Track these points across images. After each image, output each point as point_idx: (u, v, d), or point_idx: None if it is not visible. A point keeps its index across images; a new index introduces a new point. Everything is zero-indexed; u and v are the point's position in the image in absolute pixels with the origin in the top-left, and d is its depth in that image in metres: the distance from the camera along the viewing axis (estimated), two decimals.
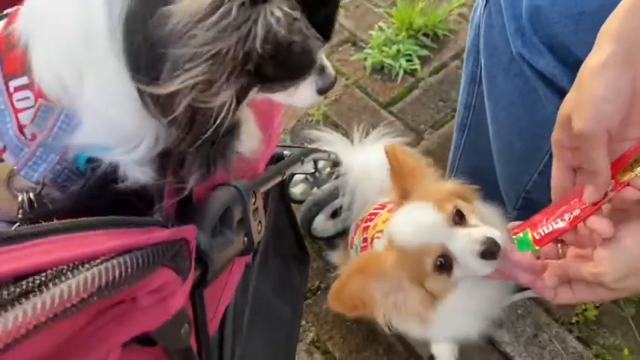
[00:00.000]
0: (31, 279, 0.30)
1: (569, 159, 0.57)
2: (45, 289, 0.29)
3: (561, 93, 0.70)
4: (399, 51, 1.62)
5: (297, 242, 1.16)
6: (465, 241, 0.70)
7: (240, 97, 0.48)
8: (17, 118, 0.49)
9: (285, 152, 0.92)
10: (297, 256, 1.17)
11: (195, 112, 0.45)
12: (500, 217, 0.82)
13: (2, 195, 0.51)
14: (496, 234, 0.69)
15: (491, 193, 0.91)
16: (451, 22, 1.69)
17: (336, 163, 1.22)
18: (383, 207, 1.08)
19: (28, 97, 0.49)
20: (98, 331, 0.33)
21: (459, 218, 0.74)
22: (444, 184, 0.82)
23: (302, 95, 0.56)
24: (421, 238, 0.73)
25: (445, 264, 0.72)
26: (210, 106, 0.44)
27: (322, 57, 0.57)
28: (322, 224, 1.31)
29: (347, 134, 1.49)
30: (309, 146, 1.32)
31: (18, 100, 0.49)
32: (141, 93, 0.45)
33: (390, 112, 1.56)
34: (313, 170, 1.20)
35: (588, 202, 0.56)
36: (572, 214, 0.58)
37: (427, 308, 0.76)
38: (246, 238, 0.58)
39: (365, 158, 1.23)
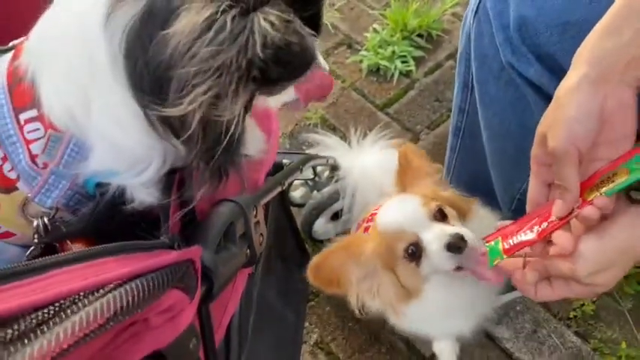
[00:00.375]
0: (51, 307, 0.32)
1: (545, 175, 0.60)
2: (65, 318, 0.31)
3: (550, 100, 0.73)
4: (394, 52, 1.64)
5: (298, 246, 1.18)
6: (435, 233, 0.75)
7: (248, 104, 0.50)
8: (29, 149, 0.51)
9: (285, 161, 0.95)
10: (298, 259, 1.19)
11: (207, 126, 0.47)
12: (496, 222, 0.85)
13: (17, 221, 0.53)
14: (467, 233, 0.73)
15: (487, 194, 0.93)
16: (445, 22, 1.71)
17: (334, 168, 1.25)
18: None
19: (38, 129, 0.51)
20: (114, 352, 0.35)
21: (440, 217, 0.79)
22: (442, 190, 0.85)
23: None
24: (399, 224, 0.79)
25: (415, 253, 0.77)
26: (222, 119, 0.46)
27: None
28: (323, 227, 1.33)
29: (345, 137, 1.51)
30: (308, 151, 1.35)
31: (29, 132, 0.51)
32: (148, 116, 0.47)
33: (387, 114, 1.58)
34: (312, 176, 1.22)
35: (555, 216, 0.59)
36: (540, 227, 0.61)
37: (400, 300, 0.81)
38: (248, 251, 0.60)
39: (364, 161, 1.25)
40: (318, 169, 1.27)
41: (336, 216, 1.31)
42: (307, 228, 1.29)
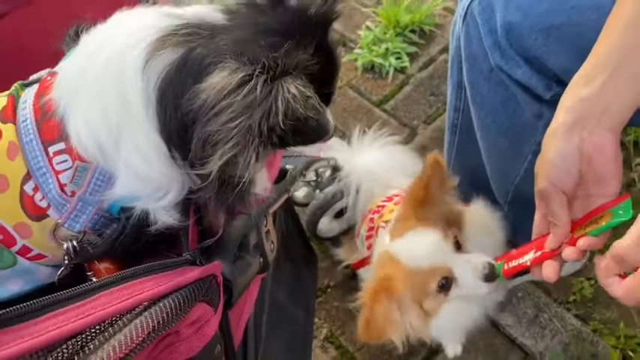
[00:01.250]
0: (92, 330, 0.36)
1: (544, 209, 0.65)
2: (109, 337, 0.35)
3: (538, 98, 0.76)
4: (387, 49, 1.67)
5: (304, 245, 1.22)
6: (468, 266, 0.81)
7: (262, 158, 0.54)
8: (58, 179, 0.55)
9: (288, 166, 0.98)
10: (305, 258, 1.23)
11: (223, 177, 0.50)
12: (497, 223, 0.89)
13: (48, 244, 0.57)
14: (490, 259, 0.80)
15: (484, 186, 0.97)
16: (436, 17, 1.74)
17: (335, 168, 1.28)
18: (390, 199, 1.14)
19: (66, 160, 0.55)
20: None
21: (457, 246, 0.84)
22: (438, 206, 0.87)
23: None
24: (431, 260, 0.83)
25: (445, 285, 0.82)
26: (239, 174, 0.50)
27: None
28: (327, 225, 1.37)
29: (344, 135, 1.55)
30: (308, 152, 1.38)
31: (58, 163, 0.55)
32: (174, 158, 0.51)
33: (384, 110, 1.61)
34: (315, 177, 1.26)
35: (547, 249, 0.65)
36: (535, 254, 0.68)
37: (424, 325, 0.85)
38: (261, 259, 0.64)
39: (365, 158, 1.29)
40: (320, 169, 1.31)
41: (339, 214, 1.34)
42: (312, 227, 1.33)
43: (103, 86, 0.52)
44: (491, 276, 0.79)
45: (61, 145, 0.55)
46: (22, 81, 0.62)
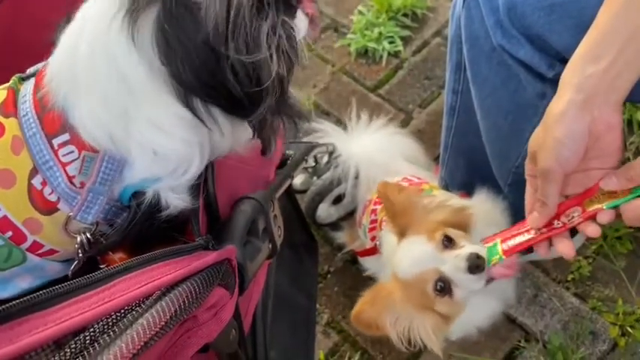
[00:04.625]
0: (116, 315, 0.35)
1: (537, 185, 0.64)
2: (129, 324, 0.35)
3: (541, 77, 0.76)
4: (380, 34, 1.66)
5: (305, 231, 1.22)
6: (452, 261, 0.79)
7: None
8: (66, 171, 0.54)
9: (288, 152, 0.98)
10: (306, 244, 1.23)
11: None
12: (501, 213, 0.90)
13: (59, 239, 0.57)
14: (479, 248, 0.77)
15: (484, 170, 0.97)
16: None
17: (332, 154, 1.28)
18: None
19: (72, 151, 0.54)
20: (172, 349, 0.39)
21: (448, 242, 0.82)
22: (435, 214, 0.88)
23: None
24: (418, 268, 0.82)
25: (445, 287, 0.81)
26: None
27: None
28: (326, 211, 1.37)
29: (339, 121, 1.55)
30: (304, 139, 1.38)
31: (63, 155, 0.54)
32: (194, 109, 0.50)
33: (379, 95, 1.61)
34: (313, 164, 1.26)
35: (531, 226, 0.65)
36: (538, 232, 0.66)
37: (443, 329, 0.85)
38: (270, 245, 0.64)
39: (362, 144, 1.29)
40: (318, 155, 1.31)
41: (337, 200, 1.34)
42: (311, 213, 1.33)
43: (96, 73, 0.51)
44: (475, 267, 0.76)
45: (65, 137, 0.54)
46: (19, 74, 0.61)
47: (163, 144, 0.52)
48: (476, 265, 0.76)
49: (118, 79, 0.50)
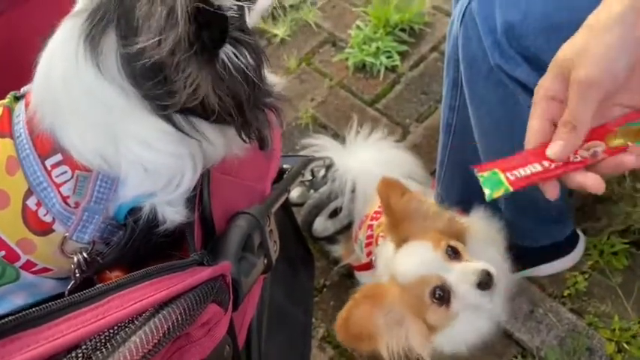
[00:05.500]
0: (105, 333, 0.35)
1: (553, 111, 0.55)
2: (121, 341, 0.35)
3: None
4: (378, 48, 1.67)
5: (301, 245, 1.22)
6: (460, 273, 0.78)
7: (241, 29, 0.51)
8: (60, 192, 0.54)
9: (285, 166, 0.98)
10: (302, 257, 1.23)
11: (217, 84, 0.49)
12: (497, 231, 0.89)
13: (54, 258, 0.57)
14: (489, 266, 0.77)
15: (480, 188, 0.97)
16: (426, 15, 1.74)
17: (329, 167, 1.28)
18: None
19: (65, 172, 0.54)
20: None
21: (453, 254, 0.82)
22: (435, 221, 0.87)
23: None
24: (420, 271, 0.81)
25: (443, 296, 0.80)
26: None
27: None
28: (322, 224, 1.37)
29: (336, 134, 1.55)
30: (301, 152, 1.38)
31: (57, 176, 0.54)
32: (172, 119, 0.50)
33: (376, 109, 1.61)
34: (310, 177, 1.26)
35: (552, 157, 0.54)
36: (553, 164, 0.55)
37: (428, 340, 0.83)
38: (265, 259, 0.64)
39: (359, 158, 1.29)
40: (315, 169, 1.31)
41: (334, 213, 1.34)
42: (307, 227, 1.33)
43: (76, 100, 0.52)
44: (486, 284, 0.75)
45: (58, 157, 0.54)
46: (14, 92, 0.61)
47: (153, 160, 0.52)
48: (485, 282, 0.76)
49: (96, 102, 0.51)
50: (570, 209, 1.14)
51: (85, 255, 0.57)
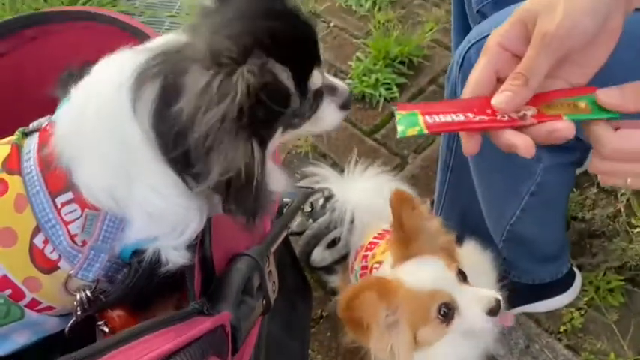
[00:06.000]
0: None
1: (503, 62, 0.53)
2: None
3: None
4: (377, 80, 1.69)
5: (299, 276, 1.22)
6: (473, 295, 0.81)
7: (264, 145, 0.54)
8: (68, 230, 0.56)
9: (285, 200, 0.99)
10: (299, 289, 1.23)
11: (236, 179, 0.51)
12: (490, 263, 0.91)
13: (58, 296, 0.57)
14: (498, 295, 0.80)
15: (477, 225, 0.99)
16: (425, 48, 1.77)
17: (328, 198, 1.29)
18: (382, 237, 1.15)
19: (75, 210, 0.55)
20: None
21: (462, 277, 0.84)
22: (439, 240, 0.89)
23: (327, 119, 0.62)
24: (433, 284, 0.83)
25: (448, 314, 0.81)
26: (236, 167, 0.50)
27: (327, 76, 0.63)
28: (320, 254, 1.37)
29: (336, 164, 1.57)
30: (301, 182, 1.40)
31: (66, 214, 0.55)
32: (185, 181, 0.52)
33: (375, 140, 1.63)
34: (310, 209, 1.27)
35: (499, 106, 0.51)
36: (477, 116, 0.52)
37: (411, 354, 0.84)
38: (264, 301, 0.64)
39: (358, 188, 1.30)
40: (314, 200, 1.32)
41: (332, 243, 1.35)
42: (305, 257, 1.33)
43: (102, 136, 0.54)
44: (495, 311, 0.78)
45: (69, 196, 0.55)
46: (23, 128, 0.63)
47: (162, 207, 0.53)
48: (496, 309, 0.78)
49: (121, 143, 0.53)
50: (567, 246, 1.16)
51: (88, 293, 0.57)
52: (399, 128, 0.54)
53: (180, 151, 0.51)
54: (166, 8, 2.03)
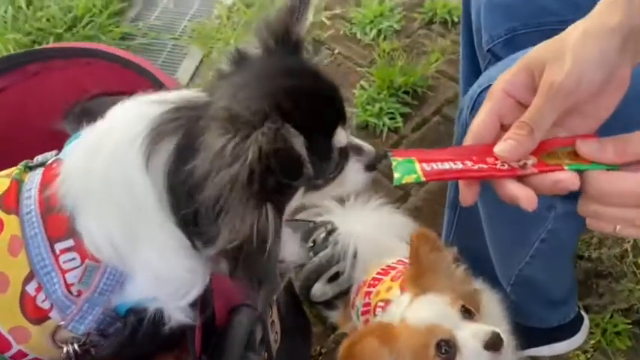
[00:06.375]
0: None
1: (507, 109, 0.52)
2: None
3: None
4: (381, 109, 1.68)
5: (299, 314, 1.19)
6: (471, 330, 0.78)
7: (281, 209, 0.52)
8: (64, 278, 0.53)
9: None
10: (299, 326, 1.20)
11: (247, 244, 0.49)
12: (501, 308, 0.88)
13: (46, 347, 0.54)
14: (501, 331, 0.76)
15: (484, 266, 0.96)
16: (430, 78, 1.76)
17: (331, 231, 1.27)
18: (386, 273, 1.12)
19: (74, 259, 0.53)
20: None
21: (466, 314, 0.81)
22: (457, 284, 0.87)
23: (352, 179, 0.61)
24: (431, 320, 0.81)
25: (449, 353, 0.78)
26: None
27: (350, 137, 0.61)
28: (320, 289, 1.34)
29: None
30: (301, 215, 1.37)
31: (64, 262, 0.53)
32: (194, 243, 0.50)
33: (378, 170, 1.61)
34: (312, 244, 1.24)
35: (502, 155, 0.50)
36: (476, 165, 0.52)
37: None
38: (266, 353, 0.61)
39: (360, 221, 1.28)
40: (315, 234, 1.29)
41: (333, 277, 1.32)
42: (305, 292, 1.30)
43: (111, 187, 0.52)
44: (493, 345, 0.76)
45: (69, 243, 0.53)
46: (26, 161, 0.60)
47: (167, 269, 0.52)
48: (495, 343, 0.76)
49: (129, 195, 0.51)
50: (575, 290, 1.13)
51: (76, 347, 0.55)
52: (396, 175, 0.53)
53: (190, 209, 0.49)
54: (169, 31, 2.02)
